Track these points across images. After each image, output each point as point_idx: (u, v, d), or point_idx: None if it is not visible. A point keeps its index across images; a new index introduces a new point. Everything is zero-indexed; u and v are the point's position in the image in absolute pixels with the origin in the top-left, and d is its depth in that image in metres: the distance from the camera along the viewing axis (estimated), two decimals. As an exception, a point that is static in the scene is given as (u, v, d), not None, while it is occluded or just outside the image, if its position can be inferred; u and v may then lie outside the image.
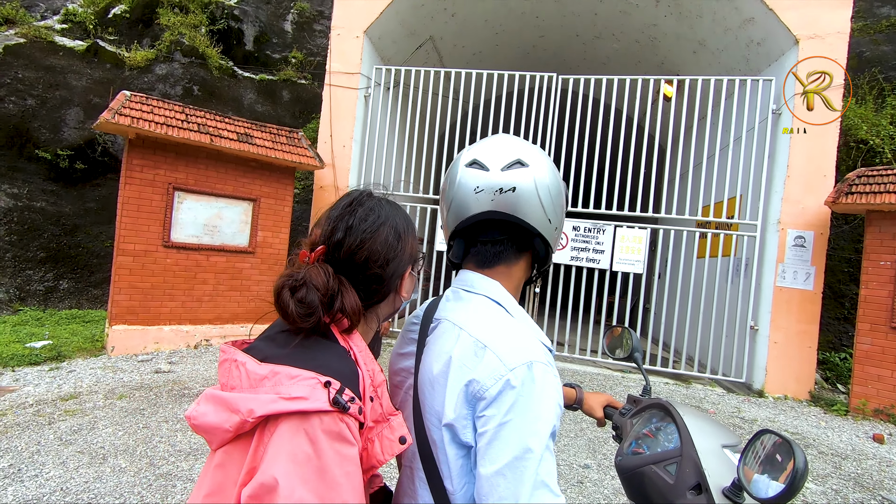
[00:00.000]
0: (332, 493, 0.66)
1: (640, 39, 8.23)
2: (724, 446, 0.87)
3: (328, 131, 7.15)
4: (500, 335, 0.83)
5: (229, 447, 0.72)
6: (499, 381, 0.77)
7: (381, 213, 0.89)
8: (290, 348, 0.77)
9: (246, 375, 0.74)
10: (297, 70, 10.78)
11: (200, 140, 5.47)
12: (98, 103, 8.42)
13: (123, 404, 3.91)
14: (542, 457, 0.73)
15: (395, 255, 0.87)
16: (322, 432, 0.67)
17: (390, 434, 0.79)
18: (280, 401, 0.68)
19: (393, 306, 0.93)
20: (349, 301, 0.81)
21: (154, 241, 5.48)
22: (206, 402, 0.74)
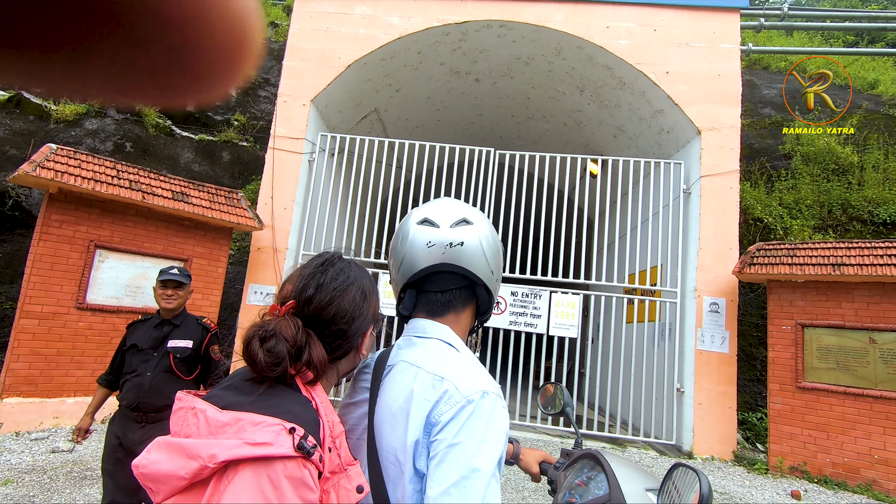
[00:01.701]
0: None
1: (568, 122, 9.09)
2: (647, 489, 0.95)
3: (269, 193, 7.10)
4: (455, 369, 0.89)
5: (179, 498, 0.69)
6: (453, 408, 0.82)
7: (350, 274, 0.95)
8: (254, 396, 0.78)
9: (206, 422, 0.73)
10: (238, 132, 10.77)
11: (131, 197, 5.24)
12: (15, 155, 7.89)
13: (9, 491, 3.37)
14: (489, 480, 0.76)
15: (361, 314, 0.93)
16: (285, 478, 0.67)
17: (347, 483, 0.79)
18: (245, 446, 0.67)
19: (353, 363, 0.98)
20: (316, 353, 0.84)
21: (66, 302, 5.03)
22: (157, 450, 0.72)
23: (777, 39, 12.15)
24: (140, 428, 2.47)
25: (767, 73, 10.56)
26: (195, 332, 2.68)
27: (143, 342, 2.58)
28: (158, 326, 2.64)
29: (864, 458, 5.13)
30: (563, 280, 6.80)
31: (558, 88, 8.29)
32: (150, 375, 2.50)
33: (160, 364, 2.54)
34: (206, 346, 2.68)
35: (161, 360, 2.55)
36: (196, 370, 2.67)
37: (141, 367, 2.53)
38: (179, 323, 2.67)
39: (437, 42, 7.59)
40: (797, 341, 5.64)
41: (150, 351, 2.57)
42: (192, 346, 2.62)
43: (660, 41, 7.02)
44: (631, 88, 7.39)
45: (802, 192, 7.74)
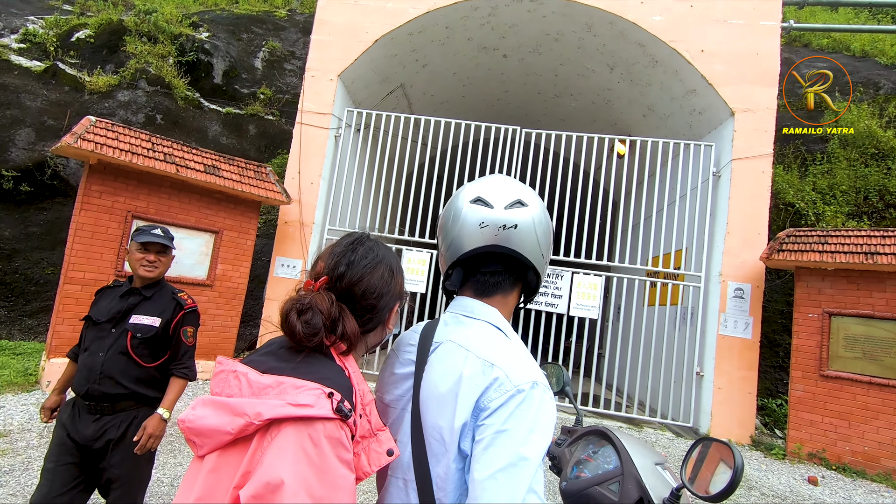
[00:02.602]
0: (331, 492, 0.72)
1: (596, 101, 8.91)
2: (656, 464, 0.96)
3: (297, 168, 7.20)
4: (506, 356, 0.91)
5: (223, 452, 0.76)
6: (503, 395, 0.84)
7: (378, 253, 1.00)
8: (294, 363, 0.85)
9: (248, 385, 0.80)
10: (265, 106, 10.85)
11: (166, 170, 5.39)
12: (52, 125, 8.13)
13: (61, 444, 3.62)
14: (536, 470, 0.78)
15: (388, 290, 0.99)
16: (325, 437, 0.74)
17: (378, 447, 0.86)
18: (288, 406, 0.74)
19: (380, 336, 1.03)
20: (350, 326, 0.90)
21: (106, 270, 5.25)
22: (203, 407, 0.79)
23: (821, 15, 11.59)
24: (94, 420, 2.03)
25: (808, 50, 10.12)
26: (166, 308, 2.20)
27: (102, 314, 2.13)
28: (125, 296, 2.17)
29: (886, 447, 5.11)
30: (584, 261, 6.79)
31: (588, 65, 8.11)
32: (102, 356, 2.06)
33: (116, 344, 2.08)
34: (177, 326, 2.22)
35: (118, 338, 2.09)
36: (163, 356, 2.21)
37: (94, 345, 2.09)
38: (151, 295, 2.20)
39: (465, 17, 7.47)
40: (823, 329, 5.57)
41: (107, 325, 2.11)
42: (160, 324, 2.16)
43: (696, 18, 6.78)
44: (664, 67, 7.19)
45: (838, 176, 7.50)
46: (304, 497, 0.69)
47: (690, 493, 0.82)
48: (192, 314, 2.27)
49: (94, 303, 2.25)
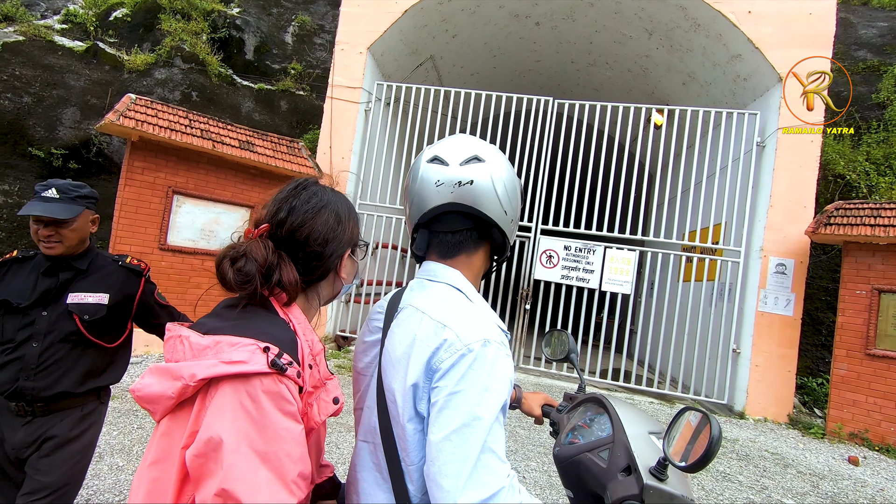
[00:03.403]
0: (274, 444, 0.72)
1: (633, 69, 8.56)
2: (650, 433, 0.95)
3: (328, 142, 7.26)
4: (458, 316, 0.89)
5: (172, 416, 0.78)
6: (454, 355, 0.82)
7: (323, 198, 0.96)
8: (231, 320, 0.84)
9: (189, 347, 0.80)
10: (295, 81, 10.90)
11: (203, 146, 5.52)
12: (95, 104, 8.41)
13: (116, 405, 3.88)
14: (492, 426, 0.78)
15: (335, 237, 0.95)
16: (262, 392, 0.73)
17: (326, 396, 0.86)
18: (221, 364, 0.73)
19: (333, 288, 1.01)
20: (287, 275, 0.87)
21: (150, 243, 5.48)
22: (150, 375, 0.79)
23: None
24: (24, 424, 1.70)
25: (867, 9, 9.39)
26: (115, 281, 1.84)
27: (22, 296, 1.72)
28: (51, 272, 1.77)
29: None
30: (618, 235, 6.66)
31: (624, 32, 7.77)
32: (36, 347, 1.70)
33: (56, 329, 1.72)
34: (147, 295, 1.92)
35: (57, 322, 1.72)
36: (122, 332, 1.89)
37: (20, 335, 1.70)
38: (86, 267, 1.81)
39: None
40: (871, 307, 5.33)
41: (36, 310, 1.72)
42: (109, 301, 1.80)
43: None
44: (706, 31, 6.82)
45: (895, 145, 7.04)
46: (246, 451, 0.70)
47: (669, 462, 0.81)
48: (149, 279, 1.96)
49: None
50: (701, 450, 0.76)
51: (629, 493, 0.82)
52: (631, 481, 0.84)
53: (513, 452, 3.93)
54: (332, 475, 1.02)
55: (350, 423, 4.04)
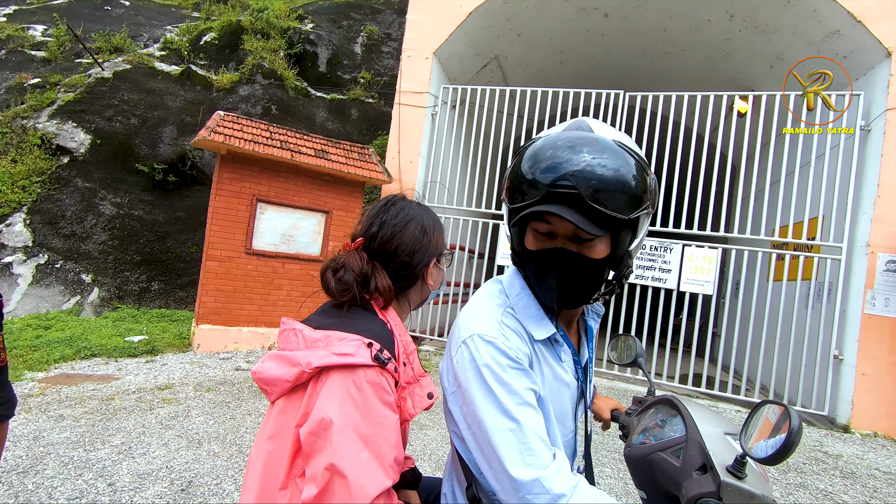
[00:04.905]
0: (375, 429, 0.83)
1: (712, 55, 8.03)
2: (726, 433, 0.92)
3: (396, 147, 7.47)
4: (463, 312, 0.98)
5: (287, 398, 0.90)
6: (451, 350, 0.93)
7: (409, 212, 1.08)
8: (339, 318, 0.96)
9: (303, 339, 0.93)
10: (364, 89, 11.32)
11: (282, 156, 5.89)
12: (189, 122, 9.23)
13: (211, 396, 4.24)
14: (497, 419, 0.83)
15: (421, 247, 1.06)
16: (366, 382, 0.85)
17: (420, 391, 0.96)
18: (332, 356, 0.85)
19: (421, 294, 1.12)
20: (381, 282, 1.00)
21: (238, 248, 5.93)
22: (269, 360, 0.93)
23: None
24: None
25: None
26: None
27: None
28: None
29: None
30: (698, 232, 6.27)
31: (702, 16, 7.31)
32: None
33: None
34: None
35: None
36: None
37: None
38: None
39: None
40: None
41: None
42: None
43: (842, -57, 5.77)
44: (796, 8, 6.25)
45: None
46: (351, 433, 0.80)
47: (748, 457, 0.79)
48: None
49: None
50: (780, 442, 0.74)
51: (706, 491, 0.80)
52: (707, 479, 0.82)
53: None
54: (415, 466, 1.09)
55: (422, 421, 4.13)
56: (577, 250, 0.91)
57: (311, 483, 0.80)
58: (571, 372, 1.02)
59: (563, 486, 0.79)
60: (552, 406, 0.96)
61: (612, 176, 0.85)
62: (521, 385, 0.86)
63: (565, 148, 0.88)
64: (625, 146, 0.91)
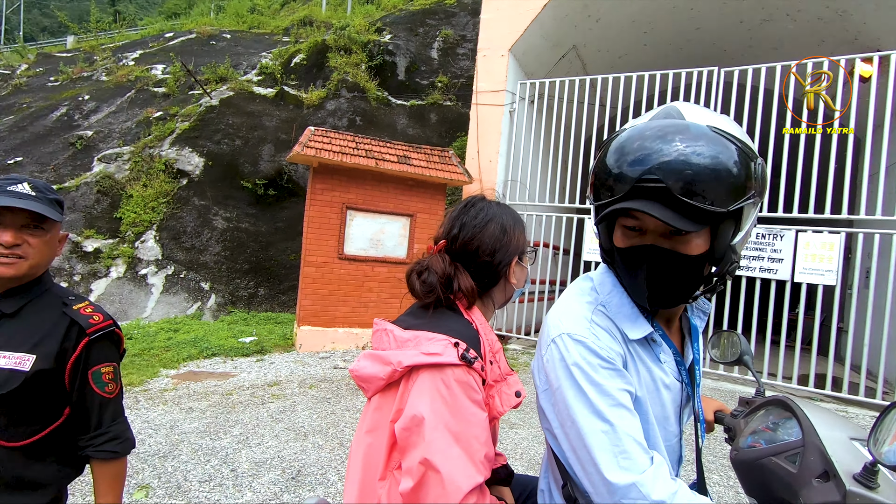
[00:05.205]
0: (464, 426, 0.86)
1: (825, 15, 7.14)
2: (852, 438, 0.83)
3: (475, 148, 7.51)
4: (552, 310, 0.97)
5: (382, 394, 0.95)
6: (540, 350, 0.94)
7: (489, 212, 1.09)
8: (426, 319, 1.00)
9: (393, 339, 0.98)
10: (442, 93, 11.52)
11: (368, 164, 6.18)
12: (284, 139, 10.00)
13: (314, 393, 4.57)
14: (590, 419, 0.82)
15: (501, 247, 1.07)
16: (454, 380, 0.88)
17: (507, 390, 0.98)
18: (421, 355, 0.89)
19: (505, 293, 1.13)
20: (464, 282, 1.03)
21: (331, 253, 6.31)
22: (364, 359, 0.99)
23: None
24: None
25: None
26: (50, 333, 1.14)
27: None
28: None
29: None
30: (814, 216, 5.61)
31: (810, -27, 6.52)
32: None
33: None
34: (79, 366, 1.16)
35: None
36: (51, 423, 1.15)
37: None
38: (17, 311, 1.14)
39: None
40: None
41: None
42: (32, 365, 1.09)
43: None
44: (933, -52, 5.36)
45: None
46: (443, 429, 0.84)
47: (880, 464, 0.70)
48: (105, 340, 1.20)
49: None
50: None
51: (830, 501, 0.73)
52: (830, 488, 0.75)
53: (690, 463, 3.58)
54: (507, 463, 1.10)
55: (512, 420, 4.13)
56: (671, 247, 0.86)
57: (408, 476, 0.84)
58: (673, 373, 0.98)
59: (661, 492, 0.76)
60: (651, 408, 0.92)
61: (706, 165, 0.80)
62: (614, 386, 0.83)
63: (653, 138, 0.84)
64: (722, 131, 0.85)
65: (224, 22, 17.35)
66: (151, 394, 4.33)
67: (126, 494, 2.68)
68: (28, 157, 9.46)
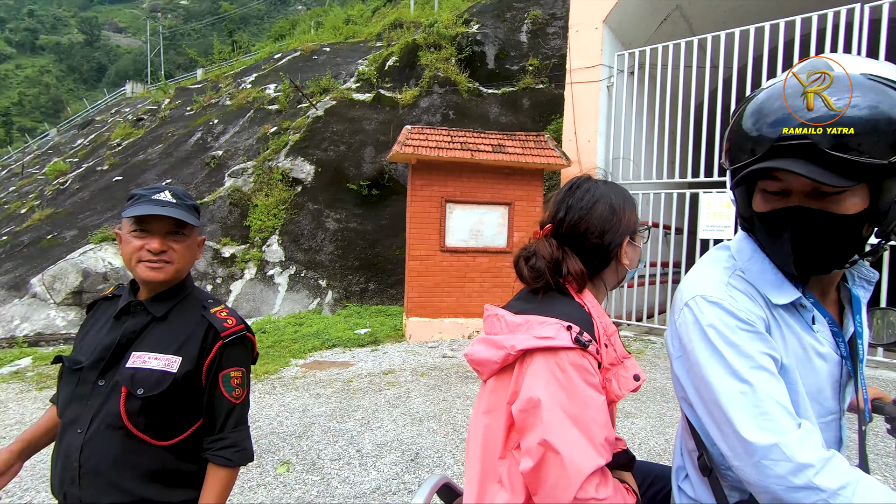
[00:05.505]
0: (582, 409, 0.85)
1: None
2: None
3: (572, 129, 7.24)
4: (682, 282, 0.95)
5: (497, 377, 0.97)
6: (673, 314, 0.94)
7: (595, 193, 1.06)
8: (536, 303, 1.00)
9: (505, 324, 0.99)
10: (533, 77, 11.25)
11: (464, 156, 6.25)
12: (383, 140, 10.48)
13: (425, 380, 4.77)
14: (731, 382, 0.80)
15: (611, 227, 1.04)
16: (569, 364, 0.87)
17: (625, 373, 0.96)
18: (534, 339, 0.89)
19: (617, 274, 1.10)
20: (572, 266, 1.01)
21: (433, 246, 6.51)
22: (478, 344, 1.01)
23: None
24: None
25: None
26: (192, 336, 1.20)
27: (86, 351, 1.18)
28: (122, 315, 1.21)
29: None
30: None
31: None
32: (81, 434, 1.11)
33: (105, 410, 1.12)
34: (214, 369, 1.19)
35: (108, 399, 1.12)
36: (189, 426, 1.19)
37: (70, 412, 1.15)
38: (165, 313, 1.21)
39: None
40: None
41: (90, 373, 1.15)
42: (179, 368, 1.15)
43: None
44: None
45: None
46: (559, 412, 0.84)
47: None
48: (238, 344, 1.23)
49: (83, 325, 1.29)
50: None
51: None
52: None
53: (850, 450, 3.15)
54: (627, 448, 1.08)
55: (627, 409, 3.95)
56: (820, 207, 0.79)
57: (527, 456, 0.86)
58: (829, 344, 0.90)
59: (810, 455, 0.71)
60: (801, 378, 0.86)
61: (862, 116, 0.74)
62: (755, 348, 0.80)
63: (795, 96, 0.79)
64: (881, 78, 0.76)
65: (323, 36, 18.57)
66: (285, 381, 4.83)
67: (271, 468, 3.03)
68: (175, 178, 11.00)
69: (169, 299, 1.22)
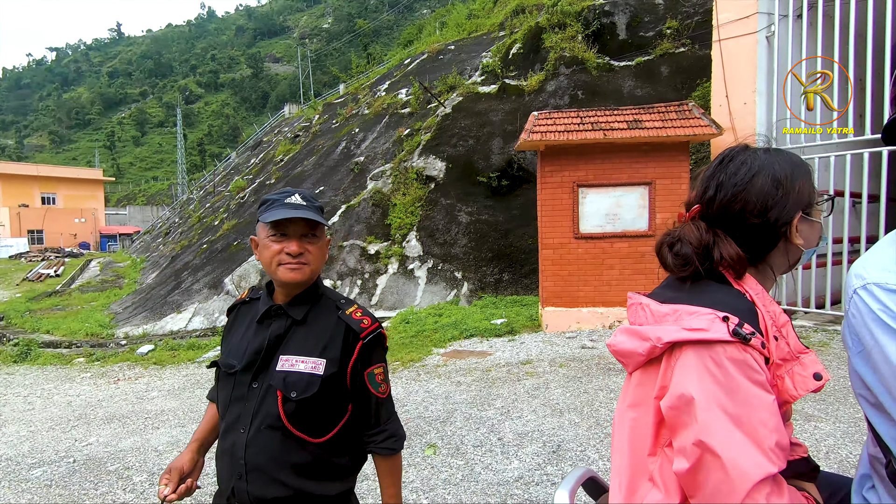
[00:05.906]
0: (745, 410, 0.75)
1: None
2: None
3: (723, 92, 6.39)
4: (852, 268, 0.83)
5: (643, 370, 0.88)
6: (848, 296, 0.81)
7: (753, 164, 0.91)
8: (685, 291, 0.89)
9: (650, 314, 0.90)
10: (672, 41, 10.19)
11: (595, 137, 5.93)
12: (510, 130, 10.42)
13: (564, 371, 4.65)
14: None
15: (777, 202, 0.89)
16: (727, 359, 0.77)
17: (802, 371, 0.83)
18: (682, 331, 0.80)
19: (787, 256, 0.94)
20: (726, 251, 0.88)
21: (566, 234, 6.30)
22: (621, 334, 0.93)
23: None
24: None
25: None
26: (333, 338, 1.24)
27: (237, 354, 1.26)
28: (265, 321, 1.27)
29: None
30: None
31: None
32: (244, 434, 1.20)
33: (263, 411, 1.20)
34: (360, 369, 1.25)
35: (264, 401, 1.20)
36: (337, 423, 1.24)
37: (232, 413, 1.24)
38: (304, 316, 1.26)
39: None
40: None
41: (244, 376, 1.23)
42: (325, 369, 1.20)
43: None
44: None
45: None
46: (718, 412, 0.75)
47: None
48: (375, 342, 1.28)
49: (226, 328, 1.38)
50: None
51: None
52: None
53: None
54: (808, 455, 0.94)
55: (809, 411, 3.39)
56: None
57: (681, 456, 0.79)
58: None
59: None
60: None
61: None
62: None
63: None
64: None
65: (448, 35, 19.08)
66: (428, 369, 5.11)
67: (419, 449, 3.24)
68: (326, 185, 12.30)
69: (305, 302, 1.26)
